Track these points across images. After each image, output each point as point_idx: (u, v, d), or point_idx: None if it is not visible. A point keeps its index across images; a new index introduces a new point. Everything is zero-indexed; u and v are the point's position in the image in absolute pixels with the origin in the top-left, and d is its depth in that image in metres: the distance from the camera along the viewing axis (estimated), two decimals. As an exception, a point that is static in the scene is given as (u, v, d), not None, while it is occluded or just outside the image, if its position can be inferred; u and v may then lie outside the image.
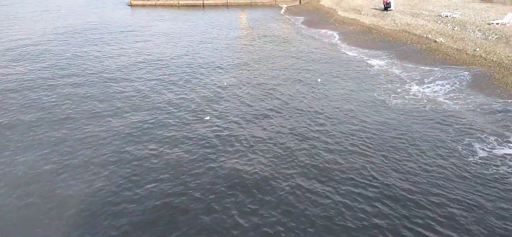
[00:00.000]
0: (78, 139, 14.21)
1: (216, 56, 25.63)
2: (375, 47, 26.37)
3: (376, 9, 37.44)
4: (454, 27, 27.54)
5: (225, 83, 19.97)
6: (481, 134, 13.66)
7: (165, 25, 37.42)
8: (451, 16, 30.36)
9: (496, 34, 24.32)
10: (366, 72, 21.33)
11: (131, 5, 51.77)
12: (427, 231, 9.14)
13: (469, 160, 12.06)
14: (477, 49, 22.56)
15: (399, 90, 18.35)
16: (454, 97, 17.13)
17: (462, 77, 19.20)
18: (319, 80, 20.11)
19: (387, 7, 36.03)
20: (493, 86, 17.75)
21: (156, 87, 19.63)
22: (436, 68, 20.90)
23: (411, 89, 18.37)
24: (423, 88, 18.38)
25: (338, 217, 9.76)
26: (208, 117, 15.80)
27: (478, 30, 25.81)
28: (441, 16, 31.09)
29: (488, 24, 26.92)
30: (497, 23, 26.61)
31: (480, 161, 11.98)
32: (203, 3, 50.83)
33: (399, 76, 20.36)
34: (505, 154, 12.30)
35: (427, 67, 21.23)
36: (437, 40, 25.46)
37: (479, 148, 12.72)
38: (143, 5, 51.60)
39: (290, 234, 9.28)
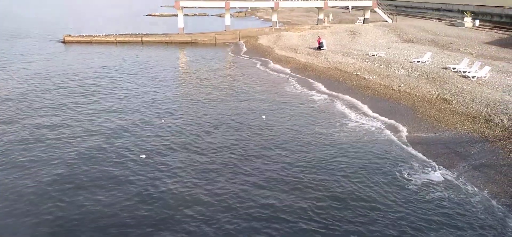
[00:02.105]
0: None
1: (156, 93, 25.49)
2: (309, 85, 27.78)
3: (310, 48, 39.59)
4: (381, 65, 29.92)
5: (163, 120, 19.92)
6: (407, 162, 14.93)
7: (100, 65, 36.53)
8: (377, 55, 32.96)
9: (417, 71, 26.79)
10: (305, 106, 22.37)
11: (64, 42, 49.70)
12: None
13: (400, 184, 13.18)
14: (402, 85, 24.67)
15: (337, 124, 19.48)
16: (384, 129, 18.53)
17: (389, 111, 20.82)
18: (263, 117, 20.69)
19: (320, 46, 38.34)
20: (417, 119, 19.46)
21: (92, 127, 19.04)
22: (366, 104, 22.47)
23: (348, 123, 19.57)
24: (358, 122, 19.69)
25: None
26: (144, 156, 15.57)
27: (402, 68, 28.26)
28: (368, 55, 33.62)
29: (410, 62, 29.58)
30: (418, 61, 29.35)
31: (409, 185, 13.12)
32: (142, 39, 50.22)
33: (338, 110, 21.62)
34: (427, 180, 13.55)
35: (358, 102, 22.77)
36: (366, 77, 27.46)
37: (406, 174, 13.96)
38: (78, 42, 49.86)
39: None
